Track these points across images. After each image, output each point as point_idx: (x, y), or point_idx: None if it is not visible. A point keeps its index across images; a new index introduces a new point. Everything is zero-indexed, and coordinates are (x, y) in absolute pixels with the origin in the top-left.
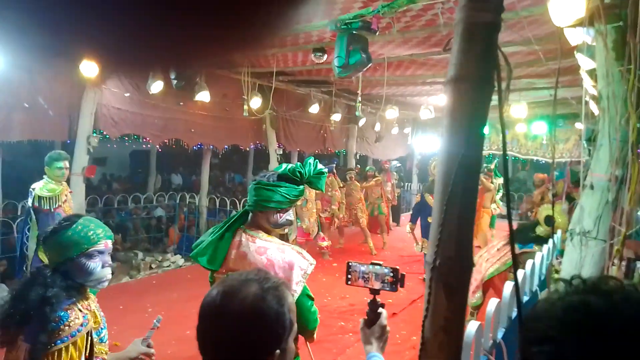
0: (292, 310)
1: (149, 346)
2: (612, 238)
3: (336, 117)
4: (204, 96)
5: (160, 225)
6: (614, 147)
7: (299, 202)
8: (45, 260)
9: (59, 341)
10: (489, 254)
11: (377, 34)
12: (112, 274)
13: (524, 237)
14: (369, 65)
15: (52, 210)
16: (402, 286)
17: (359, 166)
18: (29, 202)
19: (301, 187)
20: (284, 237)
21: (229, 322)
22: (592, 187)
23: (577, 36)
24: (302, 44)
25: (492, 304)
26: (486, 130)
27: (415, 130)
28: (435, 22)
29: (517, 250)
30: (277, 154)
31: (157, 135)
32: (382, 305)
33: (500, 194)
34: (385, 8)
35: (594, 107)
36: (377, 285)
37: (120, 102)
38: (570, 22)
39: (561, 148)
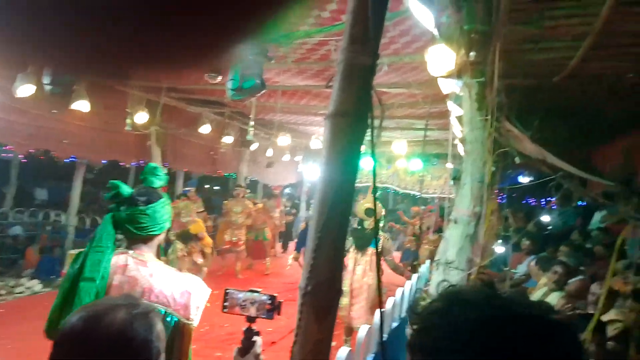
0: (161, 339)
1: None
2: (470, 268)
3: (228, 139)
4: (82, 105)
5: (16, 246)
6: (474, 186)
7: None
8: None
9: None
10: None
11: (273, 61)
12: None
13: (362, 240)
14: (263, 91)
15: None
16: (279, 314)
17: (248, 190)
18: None
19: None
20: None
21: (92, 349)
22: (455, 221)
23: (449, 86)
24: None
25: (362, 330)
26: (373, 163)
27: (306, 158)
28: (329, 57)
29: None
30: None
31: (23, 144)
32: (258, 333)
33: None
34: (282, 38)
35: (461, 150)
36: (253, 312)
37: None
38: (443, 73)
39: (434, 185)
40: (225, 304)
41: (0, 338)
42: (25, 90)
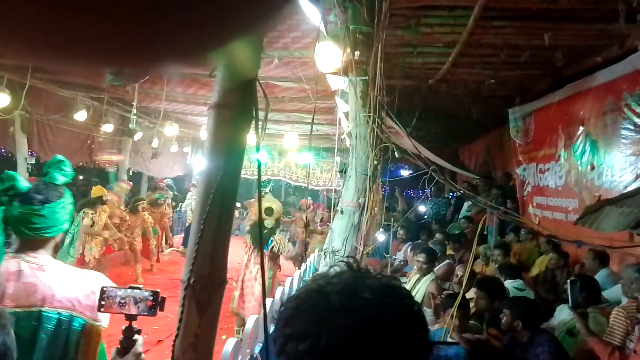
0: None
1: None
2: (355, 255)
3: (107, 127)
4: None
5: None
6: (359, 178)
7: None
8: None
9: None
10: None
11: None
12: None
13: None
14: (146, 77)
15: None
16: (162, 309)
17: (131, 183)
18: None
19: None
20: None
21: None
22: (342, 212)
23: (338, 82)
24: None
25: (250, 320)
26: (264, 156)
27: (195, 149)
28: None
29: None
30: (28, 163)
31: None
32: (139, 332)
33: None
34: None
35: (348, 144)
36: (133, 310)
37: None
38: (331, 70)
39: (324, 177)
40: (102, 302)
41: None
42: None
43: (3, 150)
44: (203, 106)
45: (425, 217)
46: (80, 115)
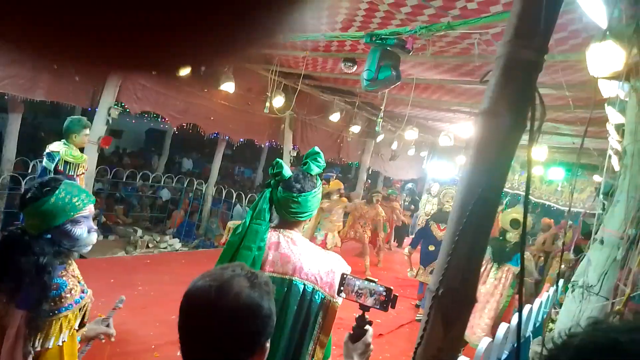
0: (272, 301)
1: (108, 326)
2: (615, 297)
3: (355, 128)
4: (228, 87)
5: (164, 207)
6: (630, 205)
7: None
8: None
9: (63, 309)
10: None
11: (411, 53)
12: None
13: (502, 253)
14: (397, 83)
15: (76, 176)
16: (393, 307)
17: (369, 181)
18: (49, 164)
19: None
20: None
21: (225, 318)
22: (602, 242)
23: (611, 89)
24: (334, 51)
25: (484, 342)
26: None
27: (431, 154)
28: (470, 52)
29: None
30: (291, 155)
31: (176, 117)
32: (370, 323)
33: None
34: (422, 29)
35: (615, 162)
36: (369, 302)
37: (146, 78)
38: (607, 74)
39: (575, 198)
40: (341, 288)
41: (145, 284)
42: (184, 70)
43: (274, 143)
44: (445, 112)
45: None
46: (335, 117)
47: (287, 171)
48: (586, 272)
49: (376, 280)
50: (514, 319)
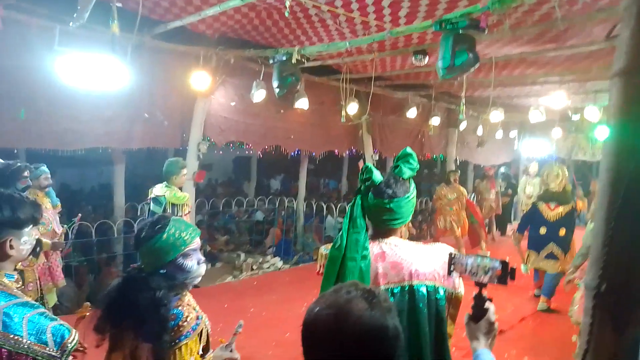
0: (395, 316)
1: (232, 351)
2: None
3: (435, 121)
4: (302, 103)
5: (260, 228)
6: None
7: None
8: None
9: (182, 337)
10: None
11: (486, 32)
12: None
13: None
14: (476, 65)
15: (183, 216)
16: (512, 279)
17: (458, 171)
18: (157, 208)
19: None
20: None
21: (350, 347)
22: None
23: None
24: (401, 47)
25: None
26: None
27: (522, 134)
28: (551, 17)
29: None
30: (373, 160)
31: (258, 142)
32: (490, 300)
33: None
34: (495, 4)
35: None
36: (485, 278)
37: (226, 111)
38: None
39: None
40: (452, 268)
41: (256, 306)
42: (259, 95)
43: (353, 150)
44: (531, 86)
45: None
46: (412, 113)
47: (378, 176)
48: None
49: (488, 253)
50: None
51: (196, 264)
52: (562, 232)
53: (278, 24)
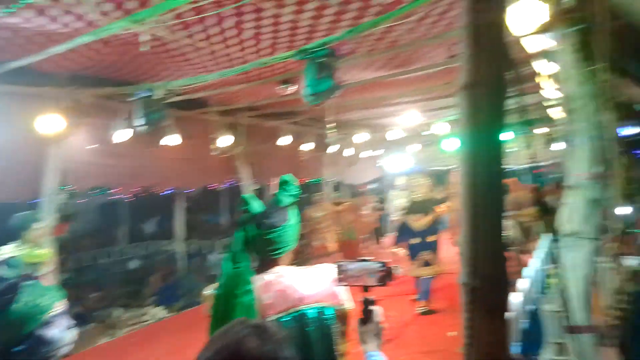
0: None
1: None
2: (603, 235)
3: (307, 146)
4: (172, 139)
5: (137, 277)
6: (594, 144)
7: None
8: None
9: None
10: None
11: (344, 59)
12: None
13: None
14: (339, 90)
15: (42, 277)
16: (391, 280)
17: (337, 192)
18: (11, 272)
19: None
20: None
21: None
22: (574, 186)
23: (538, 43)
24: (267, 77)
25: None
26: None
27: (386, 151)
28: (398, 44)
29: None
30: (253, 189)
31: (126, 185)
32: (374, 302)
33: None
34: (349, 33)
35: (555, 111)
36: (369, 282)
37: (86, 154)
38: (532, 29)
39: (525, 154)
40: (340, 276)
41: None
42: (123, 135)
43: (233, 182)
44: (388, 107)
45: None
46: (286, 140)
47: (256, 206)
48: (569, 220)
49: (370, 258)
50: (523, 283)
51: (62, 331)
52: (431, 239)
53: (137, 59)
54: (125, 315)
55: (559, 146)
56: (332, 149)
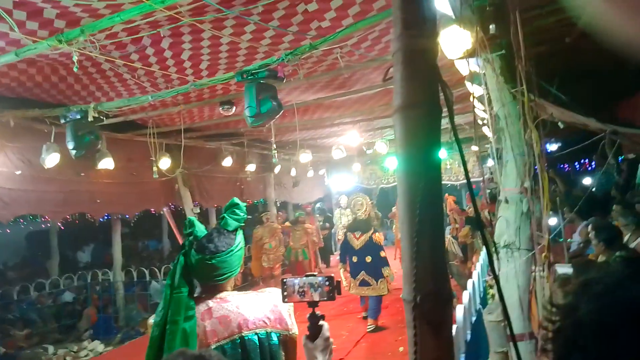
0: None
1: None
2: (534, 246)
3: (251, 167)
4: (107, 163)
5: (71, 311)
6: (519, 161)
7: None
8: None
9: None
10: None
11: (284, 81)
12: None
13: None
14: (281, 112)
15: None
16: (339, 294)
17: (283, 212)
18: None
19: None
20: None
21: None
22: (506, 201)
23: (467, 67)
24: (207, 98)
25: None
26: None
27: (329, 170)
28: (336, 66)
29: None
30: (195, 213)
31: (57, 212)
32: (323, 317)
33: None
34: (288, 56)
35: (486, 129)
36: (315, 297)
37: (10, 181)
38: (460, 54)
39: (459, 170)
40: (285, 293)
41: None
42: (52, 159)
43: (172, 206)
44: (330, 128)
45: (593, 189)
46: (227, 162)
47: (201, 230)
48: (502, 233)
49: (315, 273)
50: (464, 295)
51: None
52: (368, 259)
53: (66, 79)
54: (59, 352)
55: (490, 163)
56: (276, 170)
